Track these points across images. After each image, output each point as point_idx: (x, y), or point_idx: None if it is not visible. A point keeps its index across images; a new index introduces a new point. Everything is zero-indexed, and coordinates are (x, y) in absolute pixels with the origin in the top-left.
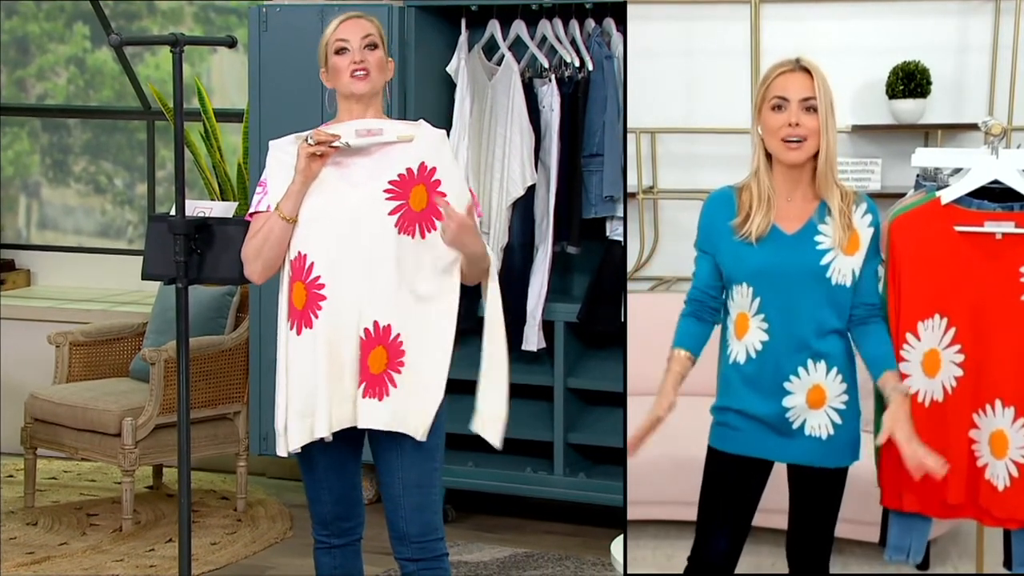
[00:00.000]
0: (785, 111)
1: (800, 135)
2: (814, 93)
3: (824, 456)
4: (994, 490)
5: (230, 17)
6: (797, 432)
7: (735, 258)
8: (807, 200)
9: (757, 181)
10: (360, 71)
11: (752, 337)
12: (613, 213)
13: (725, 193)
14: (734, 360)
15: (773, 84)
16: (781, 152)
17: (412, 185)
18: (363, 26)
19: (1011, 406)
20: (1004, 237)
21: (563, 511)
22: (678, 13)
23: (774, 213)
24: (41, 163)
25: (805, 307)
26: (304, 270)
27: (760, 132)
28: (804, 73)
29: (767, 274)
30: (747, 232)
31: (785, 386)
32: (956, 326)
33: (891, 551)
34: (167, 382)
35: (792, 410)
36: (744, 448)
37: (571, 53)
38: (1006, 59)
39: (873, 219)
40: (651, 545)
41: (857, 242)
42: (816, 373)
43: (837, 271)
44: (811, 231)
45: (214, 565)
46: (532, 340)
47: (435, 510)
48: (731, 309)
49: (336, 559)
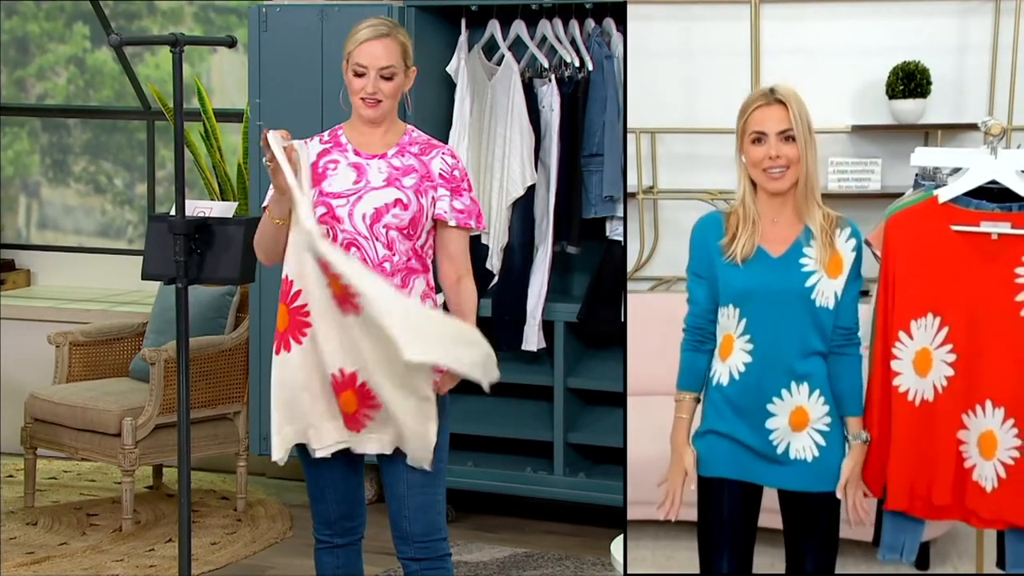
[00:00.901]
0: (764, 144)
1: (781, 165)
2: (791, 124)
3: (812, 480)
4: (982, 491)
5: (230, 17)
6: (783, 456)
7: (723, 280)
8: (792, 223)
9: (743, 206)
10: (371, 99)
11: (736, 359)
12: (613, 213)
13: (714, 216)
14: (717, 382)
15: (751, 118)
16: (765, 182)
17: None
18: (386, 53)
19: (1001, 407)
20: (1000, 237)
21: (563, 511)
22: (678, 13)
23: (759, 236)
24: (41, 163)
25: (790, 329)
26: (289, 294)
27: (744, 161)
28: (780, 105)
29: (753, 296)
30: (732, 253)
31: (768, 408)
32: (949, 326)
33: (884, 550)
34: (167, 382)
35: (775, 432)
36: (731, 472)
37: (571, 53)
38: (1006, 59)
39: (856, 243)
40: (651, 545)
41: (840, 265)
42: (799, 395)
43: (821, 294)
44: (797, 253)
45: (214, 565)
46: (532, 340)
47: (439, 510)
48: (718, 331)
49: (338, 559)
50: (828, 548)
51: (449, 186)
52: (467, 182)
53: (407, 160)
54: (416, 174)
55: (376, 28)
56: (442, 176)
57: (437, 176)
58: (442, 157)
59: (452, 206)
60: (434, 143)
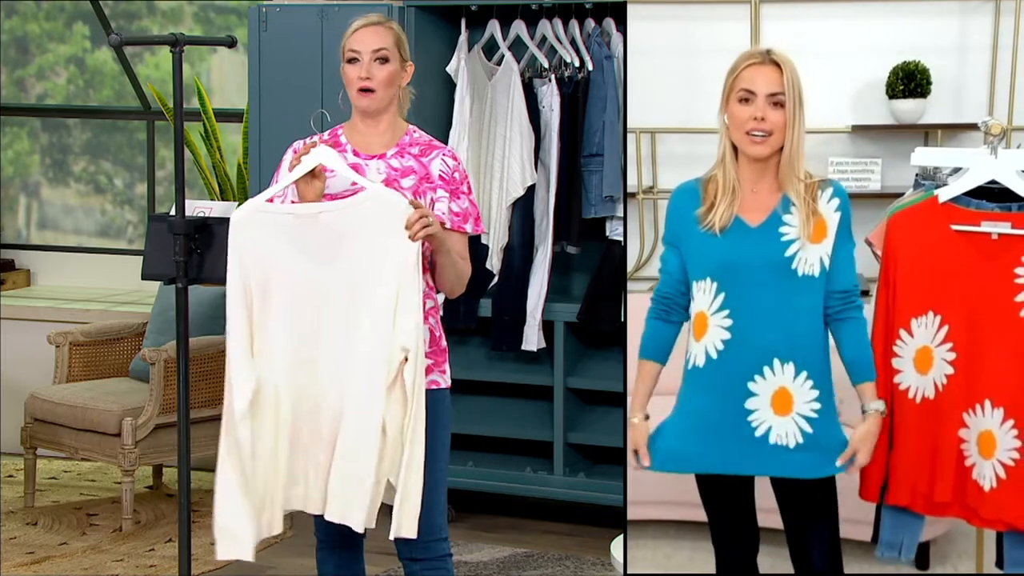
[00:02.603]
0: (751, 104)
1: (765, 129)
2: (782, 88)
3: (795, 467)
4: (980, 490)
5: (230, 17)
6: (761, 441)
7: (699, 251)
8: (772, 192)
9: (723, 171)
10: (365, 87)
11: (712, 337)
12: (613, 213)
13: (691, 185)
14: (693, 364)
15: (741, 75)
16: (745, 145)
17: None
18: (378, 37)
19: (1000, 407)
20: (1000, 237)
21: (563, 511)
22: (678, 13)
23: (738, 204)
24: (41, 163)
25: (770, 303)
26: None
27: (726, 122)
28: (774, 66)
29: (730, 267)
30: (711, 222)
31: (749, 386)
32: (949, 324)
33: (883, 547)
34: (167, 382)
35: (755, 413)
36: (708, 467)
37: (571, 53)
38: (1006, 59)
39: (841, 203)
40: (651, 545)
41: (824, 228)
42: (782, 375)
43: (803, 261)
44: (775, 222)
45: (214, 565)
46: (532, 340)
47: (440, 510)
48: (691, 309)
49: (339, 559)
50: (828, 537)
51: (448, 188)
52: (467, 184)
53: (406, 161)
54: (415, 175)
55: (368, 18)
56: (441, 178)
57: (436, 178)
58: (442, 159)
59: (450, 208)
60: (435, 144)
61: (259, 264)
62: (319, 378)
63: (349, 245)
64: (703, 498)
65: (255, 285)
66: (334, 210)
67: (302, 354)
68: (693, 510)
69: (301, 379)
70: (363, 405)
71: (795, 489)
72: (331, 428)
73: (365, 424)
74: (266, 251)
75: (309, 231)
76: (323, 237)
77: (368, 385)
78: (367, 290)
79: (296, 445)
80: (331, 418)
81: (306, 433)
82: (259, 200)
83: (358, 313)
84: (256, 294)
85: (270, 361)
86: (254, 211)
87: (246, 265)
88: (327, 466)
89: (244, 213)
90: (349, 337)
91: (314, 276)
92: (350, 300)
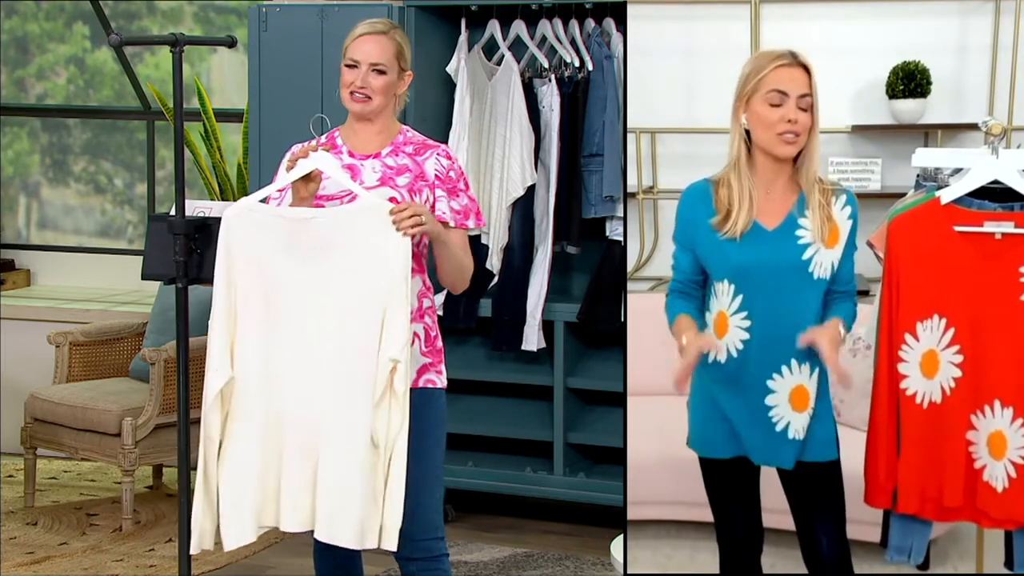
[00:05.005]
0: (784, 106)
1: (797, 131)
2: (810, 90)
3: (805, 451)
4: (993, 491)
5: (230, 17)
6: (781, 435)
7: (717, 255)
8: (786, 194)
9: (737, 175)
10: (360, 94)
11: (732, 336)
12: (613, 213)
13: (701, 187)
14: (714, 359)
15: (770, 76)
16: (775, 146)
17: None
18: (379, 48)
19: (1010, 406)
20: (1004, 237)
21: (563, 511)
22: (678, 13)
23: (756, 210)
24: (41, 163)
25: (789, 304)
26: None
27: (745, 123)
28: (802, 68)
29: (749, 271)
30: (730, 231)
31: (768, 384)
32: (955, 327)
33: (892, 552)
34: (167, 382)
35: (775, 409)
36: (727, 451)
37: (571, 53)
38: (1006, 59)
39: (852, 211)
40: (651, 545)
41: (837, 235)
42: (800, 374)
43: (819, 265)
44: (792, 225)
45: (214, 565)
46: (532, 340)
47: (436, 509)
48: (712, 307)
49: (337, 558)
50: (830, 518)
51: (446, 187)
52: (464, 181)
53: (401, 160)
54: (410, 173)
55: (373, 25)
56: (438, 177)
57: (432, 177)
58: (436, 158)
59: (450, 207)
60: (429, 143)
61: (245, 264)
62: (299, 386)
63: (338, 252)
64: (709, 490)
65: (240, 285)
66: (325, 217)
67: (280, 362)
68: (693, 510)
69: (277, 386)
70: (348, 417)
71: (800, 473)
72: (312, 440)
73: (351, 436)
74: (253, 252)
75: (299, 236)
76: (313, 242)
77: (355, 395)
78: (355, 297)
79: (273, 456)
80: (310, 430)
81: (286, 445)
82: (252, 200)
83: (345, 322)
84: (239, 295)
85: (245, 366)
86: (246, 210)
87: (232, 263)
88: (311, 480)
89: (235, 211)
90: (335, 345)
91: (300, 280)
92: (337, 307)
